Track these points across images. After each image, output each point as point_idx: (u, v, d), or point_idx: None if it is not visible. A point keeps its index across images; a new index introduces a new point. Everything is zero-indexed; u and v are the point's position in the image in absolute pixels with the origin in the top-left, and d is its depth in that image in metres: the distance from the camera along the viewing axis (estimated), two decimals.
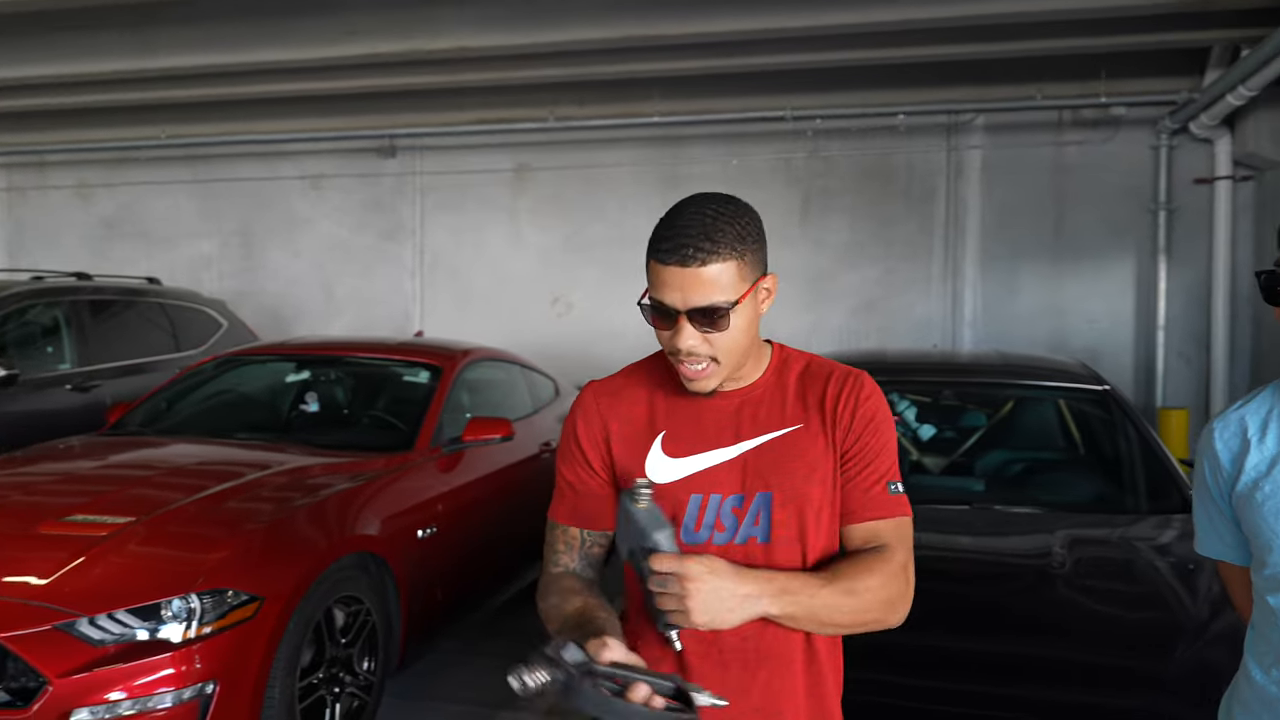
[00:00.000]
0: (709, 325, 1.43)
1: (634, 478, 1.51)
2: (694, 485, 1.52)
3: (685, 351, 1.45)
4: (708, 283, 1.42)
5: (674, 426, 1.56)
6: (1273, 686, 1.48)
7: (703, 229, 1.43)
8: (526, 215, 8.63)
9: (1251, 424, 1.53)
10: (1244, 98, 6.09)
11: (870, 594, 1.44)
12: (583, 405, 1.63)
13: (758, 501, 1.50)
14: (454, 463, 4.55)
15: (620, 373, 1.66)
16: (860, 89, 7.60)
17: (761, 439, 1.52)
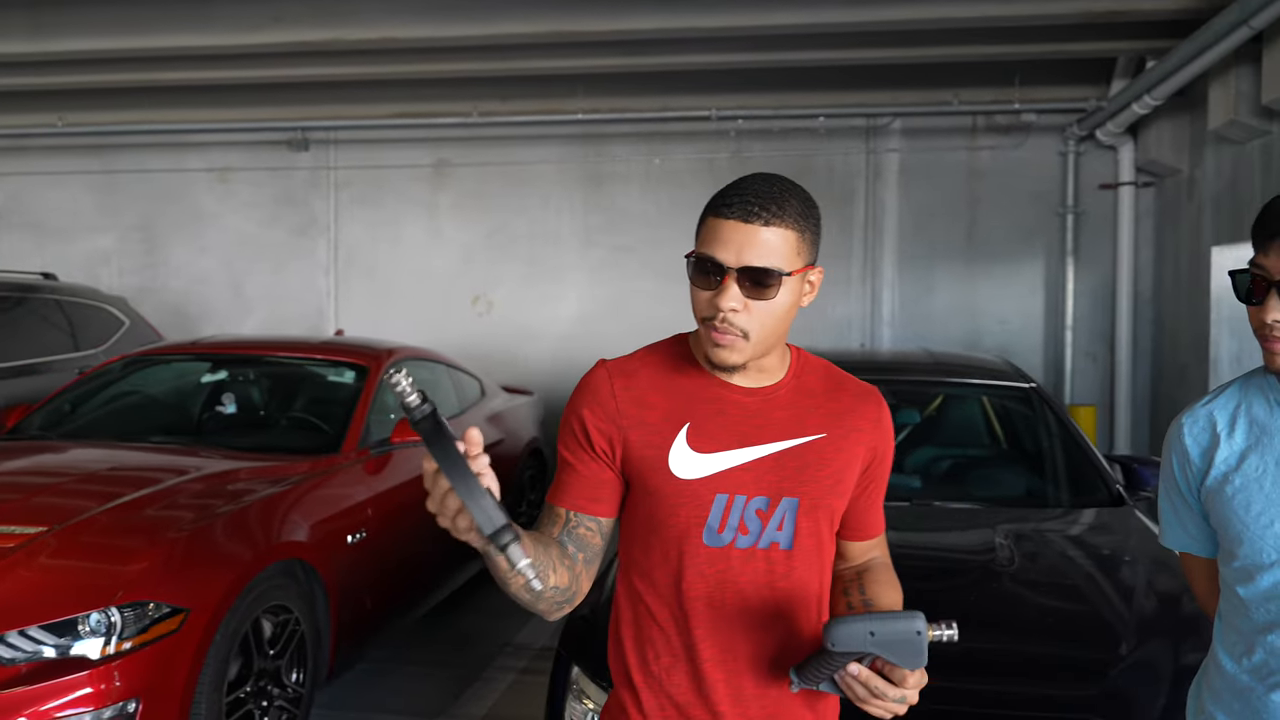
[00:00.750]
0: (756, 290, 1.36)
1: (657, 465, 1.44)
2: (720, 484, 1.45)
3: (724, 314, 1.37)
4: (765, 245, 1.36)
5: (698, 420, 1.46)
6: (1244, 675, 1.52)
7: (771, 194, 1.38)
8: (447, 211, 8.47)
9: (1220, 419, 1.56)
10: (1149, 106, 6.35)
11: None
12: (593, 384, 1.50)
13: (783, 506, 1.45)
14: (382, 465, 4.42)
15: (636, 354, 1.56)
16: (781, 91, 7.68)
17: (789, 443, 1.47)
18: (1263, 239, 1.42)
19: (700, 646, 1.47)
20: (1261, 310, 1.42)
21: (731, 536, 1.45)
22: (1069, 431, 3.82)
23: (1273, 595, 1.48)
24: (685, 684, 1.48)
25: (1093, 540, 3.20)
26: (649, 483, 1.47)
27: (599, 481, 1.49)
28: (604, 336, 8.24)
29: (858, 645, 1.26)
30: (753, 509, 1.45)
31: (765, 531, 1.45)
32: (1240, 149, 5.93)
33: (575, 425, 1.50)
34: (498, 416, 5.99)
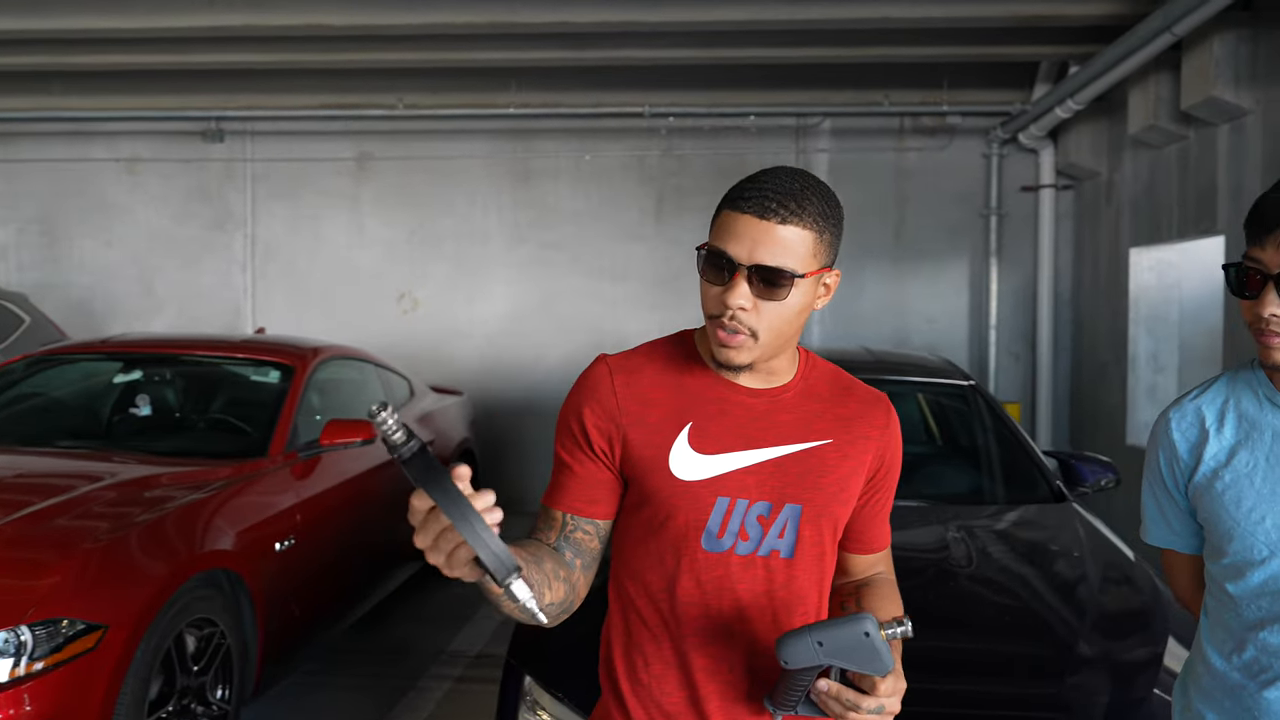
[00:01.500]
0: (767, 289, 1.31)
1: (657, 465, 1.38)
2: (722, 487, 1.39)
3: (732, 312, 1.31)
4: (780, 243, 1.30)
5: (701, 420, 1.40)
6: (1235, 673, 1.50)
7: (790, 190, 1.31)
8: (370, 207, 8.22)
9: (1209, 414, 1.55)
10: (1071, 111, 6.50)
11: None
12: (594, 381, 1.43)
13: (786, 513, 1.40)
14: (310, 469, 4.24)
15: (638, 350, 1.49)
16: (714, 89, 7.66)
17: (793, 447, 1.41)
18: (1259, 232, 1.40)
19: (692, 655, 1.40)
20: (1258, 304, 1.40)
21: (731, 542, 1.39)
22: (1009, 428, 3.86)
23: (1264, 591, 1.47)
24: (676, 693, 1.41)
25: (1041, 537, 3.23)
26: (648, 483, 1.40)
27: (596, 482, 1.43)
28: (534, 335, 8.11)
29: (810, 658, 1.21)
30: (754, 514, 1.39)
31: (766, 538, 1.40)
32: (1158, 153, 6.11)
33: (574, 424, 1.44)
34: (428, 417, 5.82)
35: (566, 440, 1.44)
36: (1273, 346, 1.40)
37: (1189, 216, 5.75)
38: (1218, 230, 5.42)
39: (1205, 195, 5.53)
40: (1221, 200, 5.36)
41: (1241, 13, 4.87)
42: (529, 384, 8.10)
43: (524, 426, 8.08)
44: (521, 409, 8.05)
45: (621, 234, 8.06)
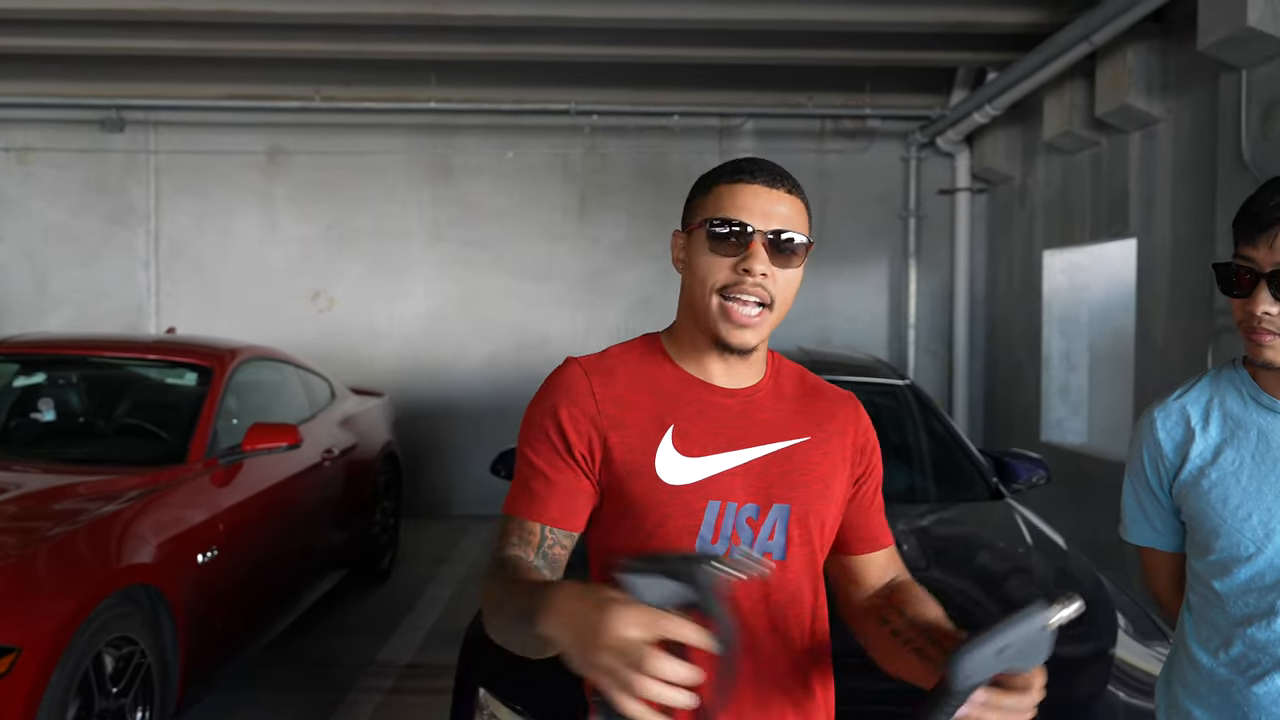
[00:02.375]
0: (782, 257, 1.31)
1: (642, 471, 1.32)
2: (711, 490, 1.34)
3: (755, 279, 1.29)
4: (793, 212, 1.33)
5: (682, 421, 1.35)
6: (1221, 669, 1.52)
7: (782, 170, 1.37)
8: (283, 203, 7.93)
9: (1194, 413, 1.56)
10: (989, 116, 6.67)
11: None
12: (567, 383, 1.37)
13: (774, 513, 1.36)
14: (231, 476, 4.04)
15: (607, 353, 1.44)
16: (637, 88, 7.62)
17: (774, 446, 1.38)
18: (1252, 232, 1.41)
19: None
20: (1249, 302, 1.42)
21: (726, 547, 1.34)
22: (945, 427, 3.91)
23: (1251, 588, 1.49)
24: (681, 710, 1.34)
25: (987, 535, 3.27)
26: (632, 490, 1.34)
27: (575, 491, 1.34)
28: (455, 335, 7.94)
29: (987, 670, 1.10)
30: (743, 517, 1.35)
31: (757, 541, 1.35)
32: (1071, 159, 6.31)
33: (550, 428, 1.35)
34: (350, 420, 5.63)
35: (541, 446, 1.35)
36: (1264, 344, 1.42)
37: (1101, 220, 5.95)
38: (1130, 233, 5.62)
39: (1117, 200, 5.73)
40: (1133, 205, 5.56)
41: (1153, 24, 5.05)
42: (450, 385, 7.93)
43: (446, 428, 7.91)
44: (443, 410, 7.88)
45: (544, 232, 7.96)
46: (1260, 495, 1.47)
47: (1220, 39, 4.15)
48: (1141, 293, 5.50)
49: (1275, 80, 4.06)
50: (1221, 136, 4.48)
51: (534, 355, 7.96)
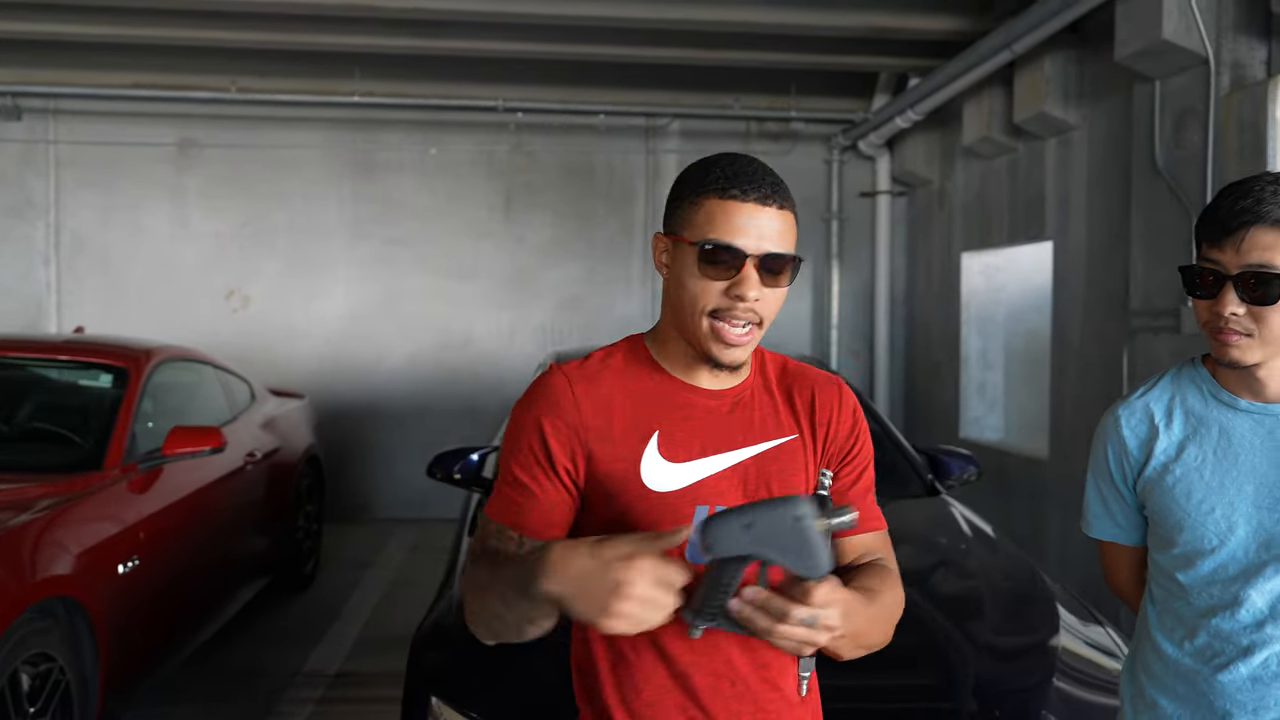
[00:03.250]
0: (772, 277, 1.29)
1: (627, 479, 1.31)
2: (698, 495, 1.33)
3: (748, 302, 1.27)
4: (784, 229, 1.30)
5: (668, 426, 1.34)
6: (1187, 659, 1.57)
7: (772, 176, 1.31)
8: (195, 197, 7.64)
9: (1157, 410, 1.61)
10: (911, 121, 6.82)
11: (891, 611, 1.36)
12: (550, 392, 1.34)
13: None
14: (150, 482, 3.87)
15: (590, 358, 1.40)
16: (565, 85, 7.57)
17: (763, 446, 1.37)
18: (1218, 235, 1.46)
19: (693, 675, 1.32)
20: (1216, 303, 1.46)
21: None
22: (880, 424, 3.97)
23: (1214, 580, 1.53)
24: (678, 717, 1.33)
25: (927, 531, 3.33)
26: (619, 499, 1.32)
27: (555, 504, 1.33)
28: (377, 335, 7.77)
29: (735, 545, 1.11)
30: None
31: None
32: (989, 163, 6.50)
33: (534, 439, 1.33)
34: (271, 422, 5.45)
35: (523, 457, 1.33)
36: (1230, 344, 1.46)
37: (1019, 224, 6.14)
38: (1046, 237, 5.81)
39: (1034, 204, 5.92)
40: (1050, 209, 5.74)
41: (1070, 35, 5.23)
42: (372, 386, 7.75)
43: (368, 430, 7.73)
44: (365, 412, 7.70)
45: (469, 230, 7.84)
46: (1223, 489, 1.52)
47: (1136, 51, 4.31)
48: (1058, 294, 5.69)
49: (1188, 91, 4.24)
50: (1136, 144, 4.66)
51: (458, 355, 7.84)
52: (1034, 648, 2.60)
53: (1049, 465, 5.76)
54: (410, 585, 5.90)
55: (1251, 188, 1.45)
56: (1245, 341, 1.45)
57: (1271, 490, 1.50)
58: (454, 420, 7.65)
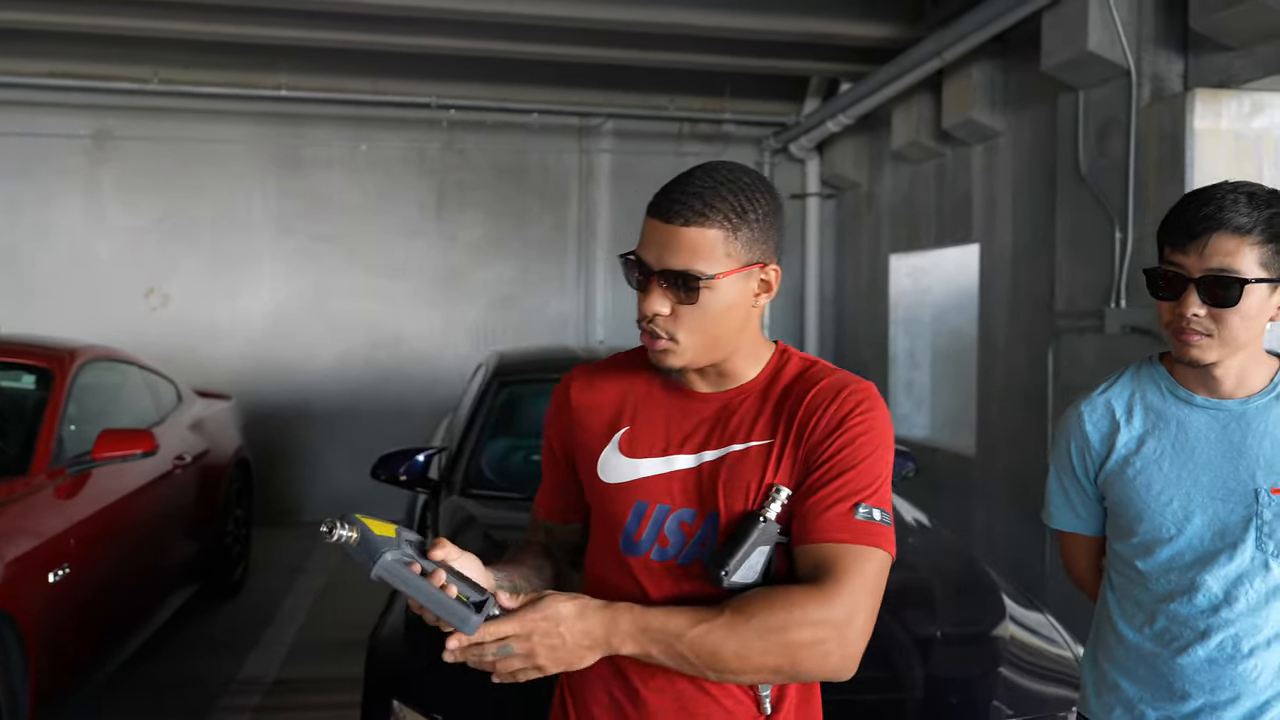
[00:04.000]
0: (680, 294, 1.27)
1: (590, 468, 1.41)
2: (640, 491, 1.36)
3: (648, 318, 1.29)
4: (685, 247, 1.26)
5: (640, 424, 1.39)
6: (1147, 643, 1.65)
7: (701, 191, 1.27)
8: (111, 190, 7.36)
9: (1118, 406, 1.69)
10: (841, 125, 6.96)
11: (767, 635, 1.18)
12: (558, 391, 1.51)
13: (709, 521, 1.32)
14: (79, 486, 3.73)
15: (611, 358, 1.51)
16: (497, 83, 7.51)
17: (724, 450, 1.34)
18: (1182, 240, 1.53)
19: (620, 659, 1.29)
20: (1179, 305, 1.54)
21: (648, 548, 1.35)
22: None
23: (1172, 566, 1.62)
24: (603, 697, 1.37)
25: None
26: (587, 486, 1.45)
27: (563, 489, 1.51)
28: (304, 334, 7.60)
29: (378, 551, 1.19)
30: (675, 521, 1.34)
31: (688, 546, 1.33)
32: (917, 168, 6.67)
33: (547, 433, 1.54)
34: (199, 424, 5.29)
35: (543, 449, 1.55)
36: (1191, 344, 1.54)
37: (946, 226, 6.32)
38: (973, 239, 5.99)
39: (961, 207, 6.10)
40: (976, 212, 5.93)
41: (997, 44, 5.41)
42: (299, 386, 7.58)
43: (295, 432, 7.56)
44: (293, 413, 7.53)
45: (400, 228, 7.73)
46: (1180, 481, 1.61)
47: (1062, 61, 4.48)
48: (984, 296, 5.88)
49: (1110, 102, 4.42)
50: (1060, 151, 4.84)
51: (389, 355, 7.73)
52: (981, 637, 2.68)
53: (975, 462, 5.95)
54: (345, 589, 5.79)
55: (1214, 195, 1.53)
56: (1205, 341, 1.53)
57: (1225, 482, 1.58)
58: (385, 421, 7.52)
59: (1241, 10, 3.64)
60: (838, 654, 1.21)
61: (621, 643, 1.20)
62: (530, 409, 4.37)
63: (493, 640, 1.17)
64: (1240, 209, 1.49)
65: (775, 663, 1.20)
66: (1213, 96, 3.96)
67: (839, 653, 1.21)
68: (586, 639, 1.19)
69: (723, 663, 1.20)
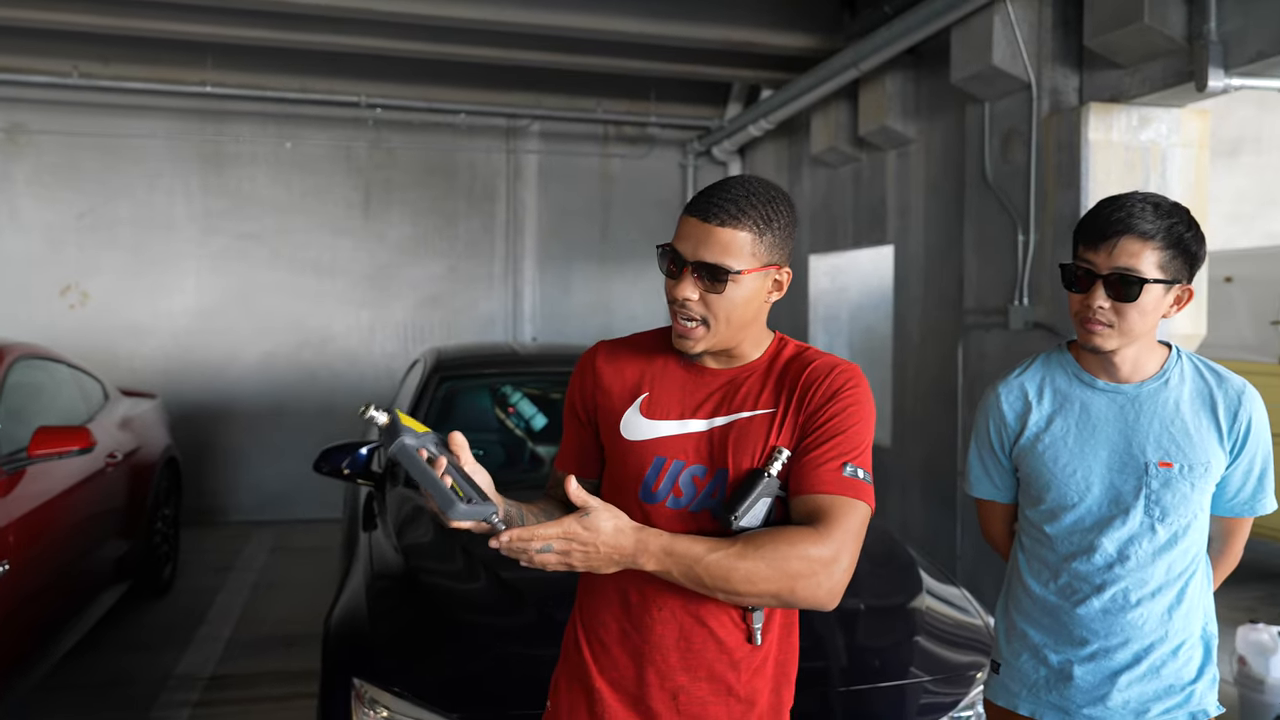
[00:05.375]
0: (710, 283, 1.50)
1: (613, 428, 1.60)
2: (660, 448, 1.58)
3: (681, 301, 1.51)
4: (720, 243, 1.49)
5: (658, 391, 1.62)
6: (1051, 596, 1.88)
7: (737, 198, 1.50)
8: (24, 186, 7.19)
9: (1030, 389, 1.91)
10: (763, 130, 7.21)
11: (771, 564, 1.38)
12: (583, 360, 1.71)
13: (718, 476, 1.55)
14: (14, 484, 3.71)
15: (631, 336, 1.72)
16: (424, 83, 7.57)
17: (732, 417, 1.56)
18: (1095, 240, 1.75)
19: (630, 592, 1.57)
20: (1088, 297, 1.76)
21: (664, 496, 1.56)
22: None
23: (1075, 530, 1.85)
24: (612, 625, 1.59)
25: None
26: (607, 443, 1.66)
27: (584, 446, 1.71)
28: (229, 333, 7.53)
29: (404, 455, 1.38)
30: (689, 475, 1.56)
31: (699, 497, 1.55)
32: (834, 171, 6.96)
33: (570, 396, 1.73)
34: (128, 422, 5.25)
35: (567, 411, 1.74)
36: (1095, 332, 1.77)
37: (863, 228, 6.62)
38: (887, 240, 6.30)
39: (876, 210, 6.40)
40: (890, 215, 6.23)
41: (910, 57, 5.71)
42: (225, 386, 7.51)
43: (220, 431, 7.49)
44: (218, 413, 7.46)
45: (327, 227, 7.72)
46: (1082, 455, 1.83)
47: (969, 75, 4.78)
48: (899, 294, 6.18)
49: (1013, 113, 4.74)
50: (968, 158, 5.15)
51: (316, 353, 7.71)
52: (899, 609, 2.90)
53: (891, 451, 6.25)
54: (277, 587, 5.81)
55: (1125, 202, 1.75)
56: (1107, 331, 1.76)
57: (1121, 456, 1.81)
58: (312, 420, 7.53)
59: (1130, 32, 3.97)
60: (826, 586, 1.42)
61: (646, 561, 1.40)
62: (469, 403, 4.48)
63: (540, 538, 1.35)
64: (1147, 217, 1.72)
65: (775, 589, 1.40)
66: (1105, 110, 4.29)
67: (827, 585, 1.42)
68: (616, 553, 1.38)
69: (732, 585, 1.40)
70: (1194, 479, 1.78)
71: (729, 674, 1.55)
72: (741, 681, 1.56)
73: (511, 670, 2.45)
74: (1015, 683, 1.93)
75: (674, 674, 1.55)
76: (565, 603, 2.64)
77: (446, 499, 1.35)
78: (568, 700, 1.63)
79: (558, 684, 1.68)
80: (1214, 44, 3.68)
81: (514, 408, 4.57)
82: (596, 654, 1.60)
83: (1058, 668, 1.86)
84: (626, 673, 1.57)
